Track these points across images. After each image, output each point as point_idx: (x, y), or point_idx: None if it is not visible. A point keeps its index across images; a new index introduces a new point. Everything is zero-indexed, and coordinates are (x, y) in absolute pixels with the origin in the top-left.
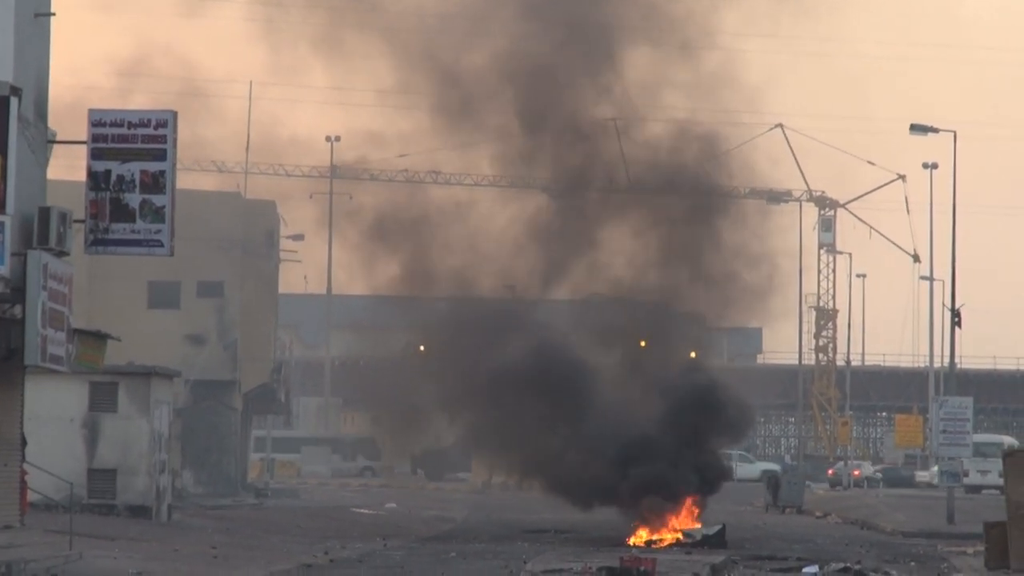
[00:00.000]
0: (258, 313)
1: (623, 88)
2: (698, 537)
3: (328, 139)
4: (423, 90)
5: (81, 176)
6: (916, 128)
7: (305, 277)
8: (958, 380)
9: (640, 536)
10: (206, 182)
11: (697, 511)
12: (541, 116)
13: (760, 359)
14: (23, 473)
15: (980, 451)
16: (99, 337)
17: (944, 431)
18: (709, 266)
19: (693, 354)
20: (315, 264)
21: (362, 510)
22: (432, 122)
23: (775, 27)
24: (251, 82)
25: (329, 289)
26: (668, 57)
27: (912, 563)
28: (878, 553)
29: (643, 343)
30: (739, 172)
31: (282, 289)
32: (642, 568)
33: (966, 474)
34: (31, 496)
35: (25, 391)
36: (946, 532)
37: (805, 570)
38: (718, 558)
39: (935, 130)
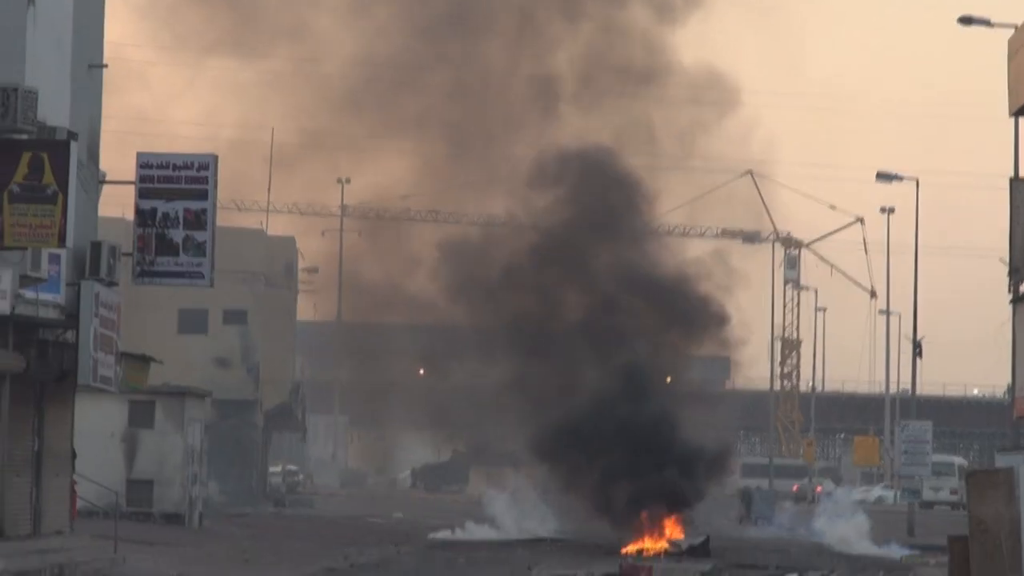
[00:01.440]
0: (278, 339)
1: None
2: (684, 547)
3: (339, 180)
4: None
5: (127, 213)
6: (882, 176)
7: (315, 305)
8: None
9: (633, 545)
10: (226, 219)
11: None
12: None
13: (728, 385)
14: (73, 483)
15: (933, 470)
16: (144, 360)
17: (906, 452)
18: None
19: (668, 379)
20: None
21: (374, 519)
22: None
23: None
24: (272, 128)
25: (339, 316)
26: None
27: (881, 572)
28: (848, 563)
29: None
30: (715, 214)
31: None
32: (640, 575)
33: None
34: (78, 504)
35: None
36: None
37: None
38: (706, 566)
39: (899, 177)
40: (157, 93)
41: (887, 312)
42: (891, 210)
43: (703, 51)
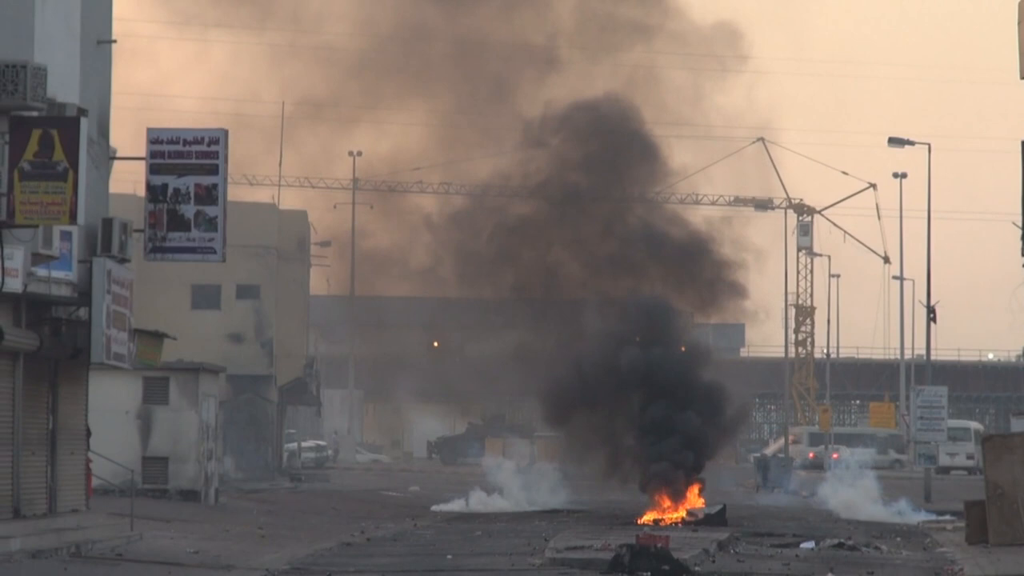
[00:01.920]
0: (291, 313)
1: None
2: (701, 516)
3: (351, 153)
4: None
5: (138, 189)
6: (893, 141)
7: (328, 280)
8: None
9: (649, 515)
10: (237, 193)
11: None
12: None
13: (743, 353)
14: (88, 461)
15: (948, 435)
16: (157, 336)
17: (921, 417)
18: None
19: (683, 348)
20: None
21: (390, 493)
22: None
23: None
24: (283, 102)
25: (352, 290)
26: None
27: (898, 538)
28: (866, 529)
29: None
30: (727, 182)
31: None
32: (658, 545)
33: None
34: (94, 482)
35: None
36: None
37: (803, 545)
38: (722, 535)
39: (911, 143)
40: (156, 69)
41: (900, 278)
42: (903, 175)
43: (711, 12)
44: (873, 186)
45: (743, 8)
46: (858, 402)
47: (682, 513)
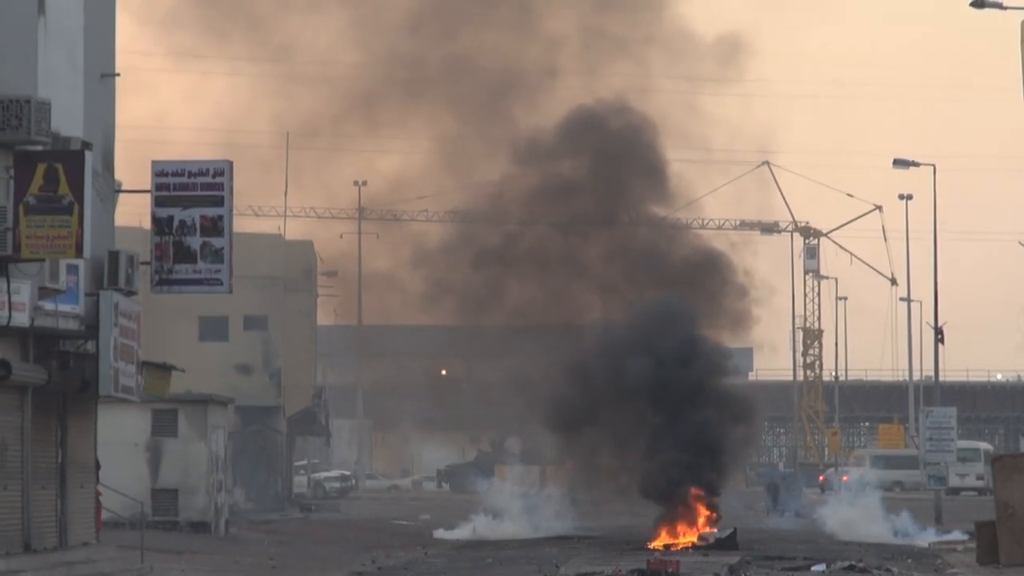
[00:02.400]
0: (299, 344)
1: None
2: (711, 540)
3: (356, 183)
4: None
5: (143, 221)
6: (899, 162)
7: (335, 310)
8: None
9: (660, 540)
10: (242, 225)
11: (713, 515)
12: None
13: (752, 377)
14: (98, 494)
15: (958, 456)
16: (164, 368)
17: (931, 439)
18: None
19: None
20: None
21: (401, 521)
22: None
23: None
24: (287, 133)
25: (360, 320)
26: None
27: (909, 560)
28: (877, 552)
29: None
30: (732, 206)
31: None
32: (669, 570)
33: None
34: (103, 515)
35: None
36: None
37: (813, 568)
38: (733, 559)
39: (916, 164)
40: (153, 102)
41: (908, 299)
42: (909, 197)
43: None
44: (879, 208)
45: (743, 27)
46: (867, 424)
47: (692, 538)
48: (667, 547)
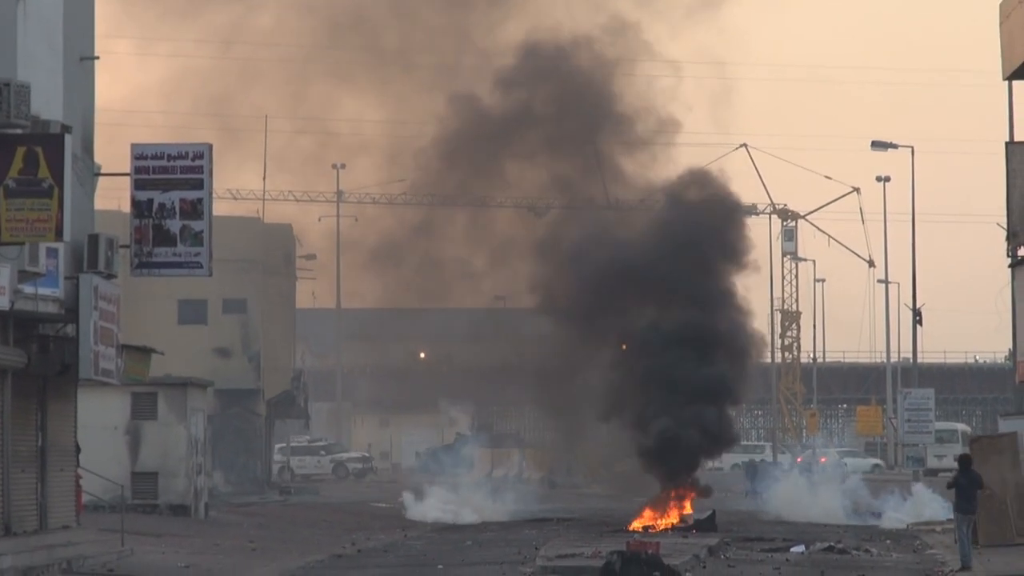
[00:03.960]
0: (278, 327)
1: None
2: (690, 522)
3: (334, 166)
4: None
5: (122, 205)
6: (877, 144)
7: (314, 293)
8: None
9: (639, 521)
10: (221, 208)
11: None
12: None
13: None
14: (78, 477)
15: (937, 437)
16: (144, 351)
17: (908, 420)
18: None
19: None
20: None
21: (380, 504)
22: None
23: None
24: (266, 116)
25: (338, 303)
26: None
27: (888, 541)
28: (855, 533)
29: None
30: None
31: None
32: (649, 551)
33: None
34: (84, 498)
35: None
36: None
37: (793, 549)
38: (712, 540)
39: (894, 146)
40: (126, 85)
41: (886, 281)
42: (887, 179)
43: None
44: (857, 190)
45: (721, 13)
46: (845, 406)
47: (672, 520)
48: (646, 528)
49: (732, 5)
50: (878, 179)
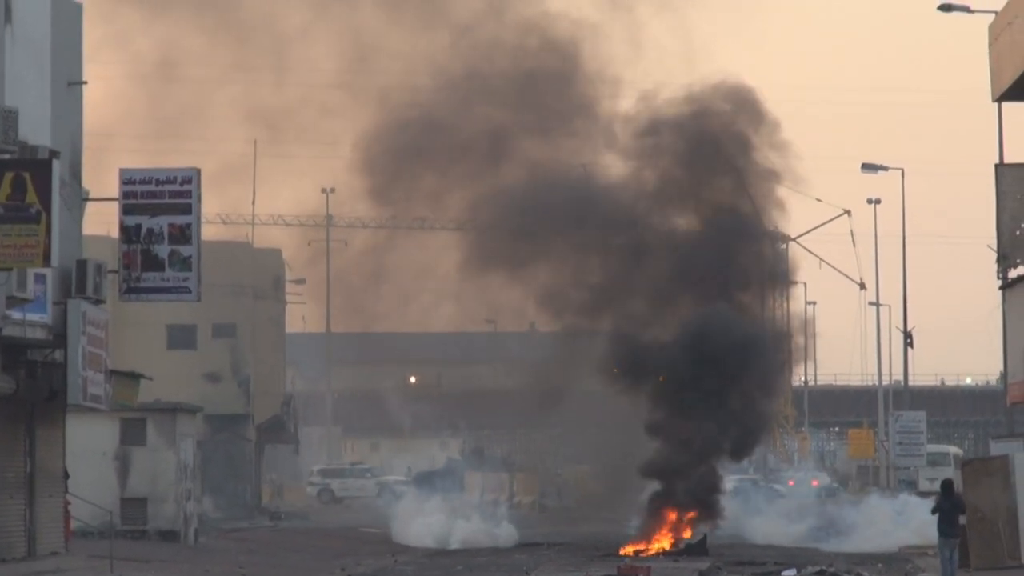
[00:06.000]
0: (268, 351)
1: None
2: (682, 546)
3: (324, 191)
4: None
5: (111, 230)
6: (867, 167)
7: (304, 317)
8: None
9: (631, 546)
10: (210, 232)
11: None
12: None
13: None
14: (66, 503)
15: (929, 460)
16: (133, 377)
17: (900, 443)
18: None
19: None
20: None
21: (370, 529)
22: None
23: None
24: (255, 140)
25: (328, 327)
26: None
27: (879, 564)
28: (847, 556)
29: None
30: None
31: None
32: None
33: None
34: (72, 524)
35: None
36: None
37: (784, 573)
38: (703, 564)
39: (885, 168)
40: (113, 110)
41: (877, 303)
42: (877, 201)
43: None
44: (847, 212)
45: (711, 31)
46: (836, 429)
47: (665, 544)
48: (637, 553)
49: (719, 28)
50: (869, 201)
